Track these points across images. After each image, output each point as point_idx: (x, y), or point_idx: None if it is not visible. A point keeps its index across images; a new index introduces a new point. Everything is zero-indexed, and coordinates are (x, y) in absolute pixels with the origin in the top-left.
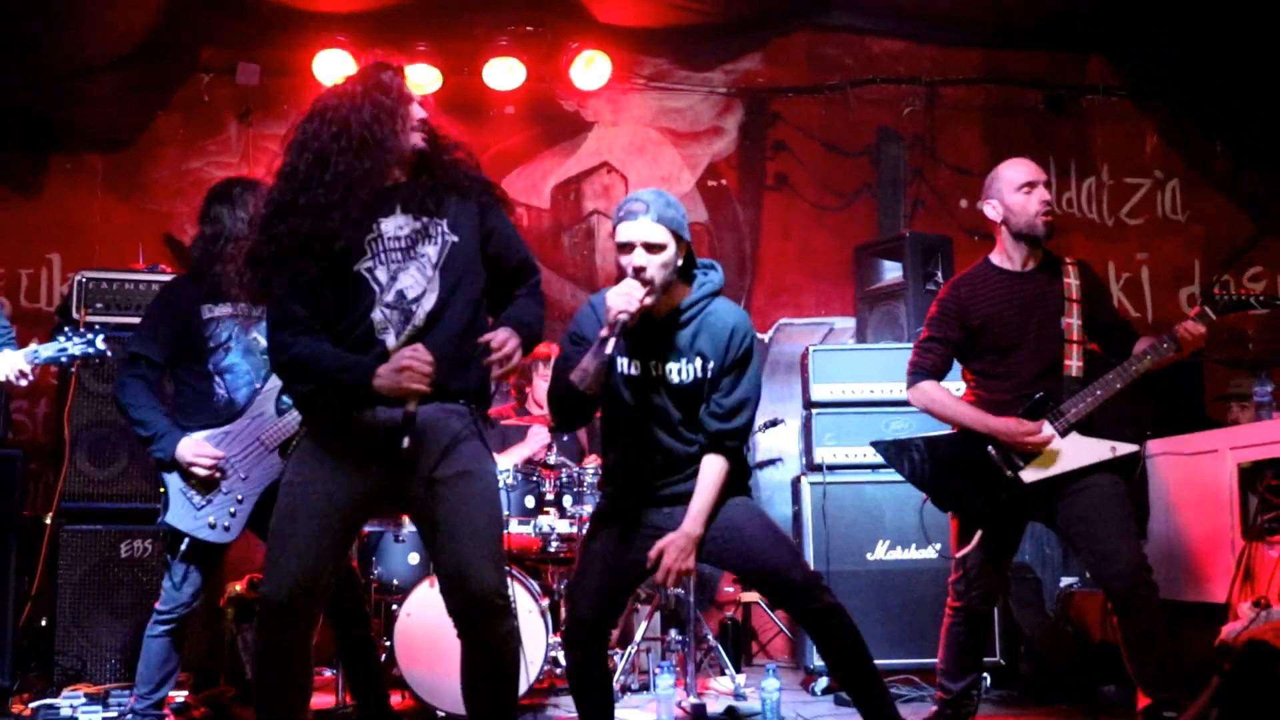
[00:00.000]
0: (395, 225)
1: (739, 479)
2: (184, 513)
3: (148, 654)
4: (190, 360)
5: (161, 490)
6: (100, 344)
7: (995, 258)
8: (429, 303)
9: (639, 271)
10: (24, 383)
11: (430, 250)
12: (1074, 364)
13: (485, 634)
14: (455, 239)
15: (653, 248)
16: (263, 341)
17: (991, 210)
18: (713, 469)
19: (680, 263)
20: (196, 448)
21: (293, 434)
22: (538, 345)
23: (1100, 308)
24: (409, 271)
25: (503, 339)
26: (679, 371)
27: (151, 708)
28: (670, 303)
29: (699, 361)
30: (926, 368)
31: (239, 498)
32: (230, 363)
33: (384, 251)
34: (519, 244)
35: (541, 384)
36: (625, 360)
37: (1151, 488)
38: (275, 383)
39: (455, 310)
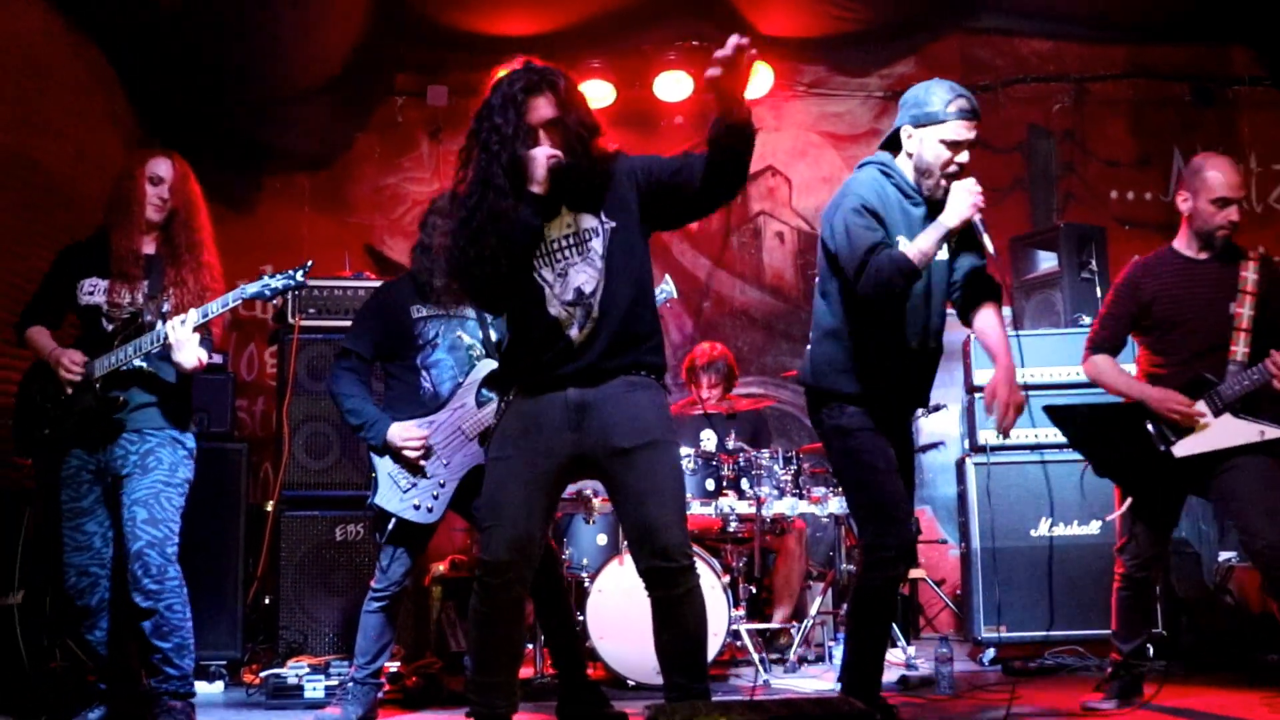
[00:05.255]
0: (563, 224)
1: None
2: (391, 495)
3: (365, 628)
4: (400, 356)
5: (371, 475)
6: (300, 277)
7: (1178, 243)
8: (601, 293)
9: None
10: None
11: (596, 244)
12: (1239, 350)
13: (672, 588)
14: (613, 224)
15: None
16: (466, 339)
17: (1183, 202)
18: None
19: None
20: (405, 432)
21: (490, 424)
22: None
23: (1276, 306)
24: (578, 267)
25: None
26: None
27: (369, 677)
28: None
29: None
30: (1100, 342)
31: (441, 482)
32: (436, 359)
33: (550, 253)
34: (665, 159)
35: (708, 391)
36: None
37: None
38: (476, 376)
39: (622, 291)
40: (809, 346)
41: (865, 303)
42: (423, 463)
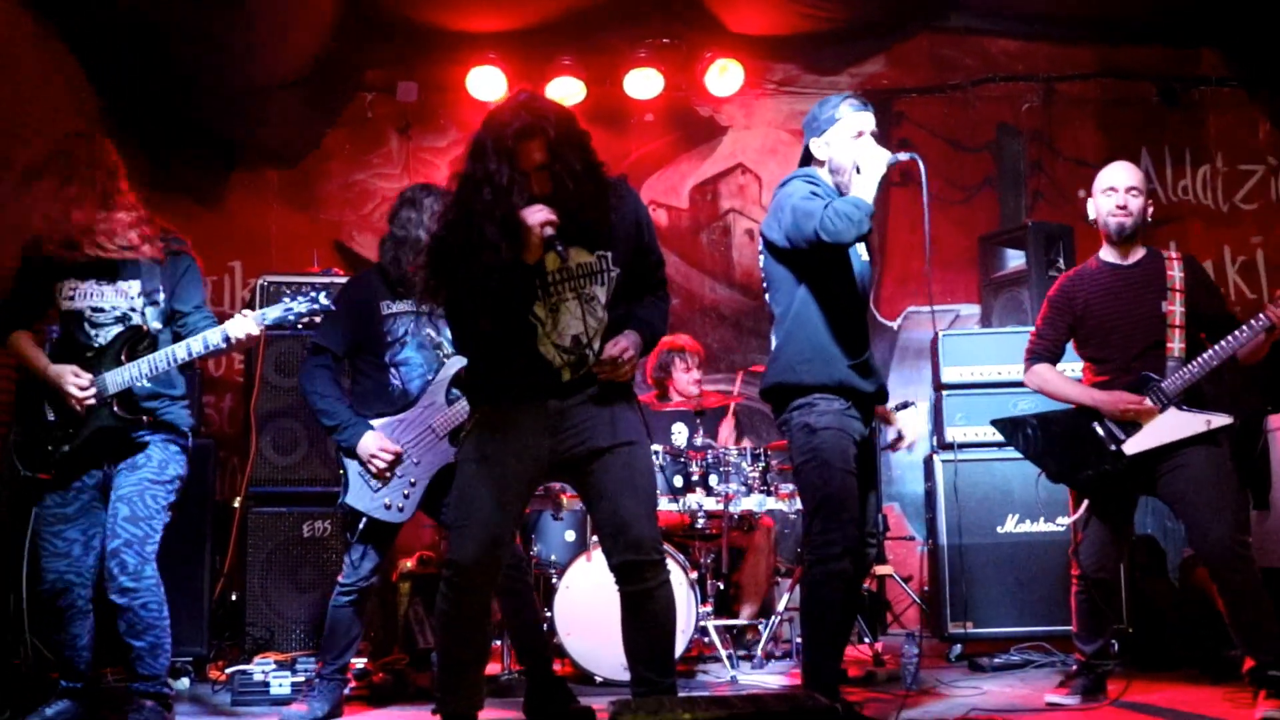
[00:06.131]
0: (556, 258)
1: None
2: (362, 494)
3: (332, 624)
4: (369, 353)
5: (341, 473)
6: (324, 300)
7: (1103, 253)
8: (600, 341)
9: None
10: (244, 345)
11: (600, 292)
12: (1175, 346)
13: (644, 582)
14: (618, 271)
15: None
16: (435, 336)
17: (1090, 208)
18: None
19: None
20: (378, 442)
21: (461, 422)
22: (662, 340)
23: (1205, 300)
24: (574, 310)
25: (626, 347)
26: None
27: (336, 673)
28: None
29: None
30: (1040, 352)
31: (412, 480)
32: (405, 356)
33: (542, 286)
34: (658, 253)
35: (681, 376)
36: None
37: (1273, 460)
38: (446, 374)
39: (614, 330)
40: (771, 355)
41: (824, 269)
42: (389, 476)
